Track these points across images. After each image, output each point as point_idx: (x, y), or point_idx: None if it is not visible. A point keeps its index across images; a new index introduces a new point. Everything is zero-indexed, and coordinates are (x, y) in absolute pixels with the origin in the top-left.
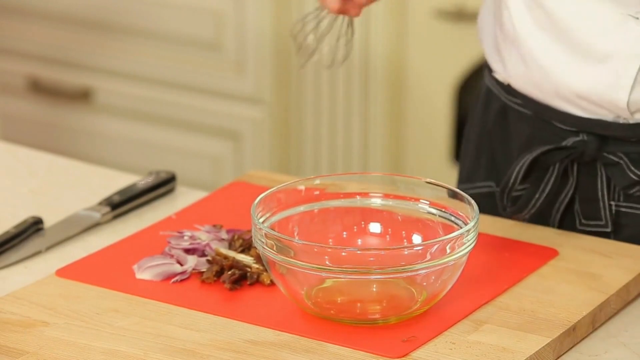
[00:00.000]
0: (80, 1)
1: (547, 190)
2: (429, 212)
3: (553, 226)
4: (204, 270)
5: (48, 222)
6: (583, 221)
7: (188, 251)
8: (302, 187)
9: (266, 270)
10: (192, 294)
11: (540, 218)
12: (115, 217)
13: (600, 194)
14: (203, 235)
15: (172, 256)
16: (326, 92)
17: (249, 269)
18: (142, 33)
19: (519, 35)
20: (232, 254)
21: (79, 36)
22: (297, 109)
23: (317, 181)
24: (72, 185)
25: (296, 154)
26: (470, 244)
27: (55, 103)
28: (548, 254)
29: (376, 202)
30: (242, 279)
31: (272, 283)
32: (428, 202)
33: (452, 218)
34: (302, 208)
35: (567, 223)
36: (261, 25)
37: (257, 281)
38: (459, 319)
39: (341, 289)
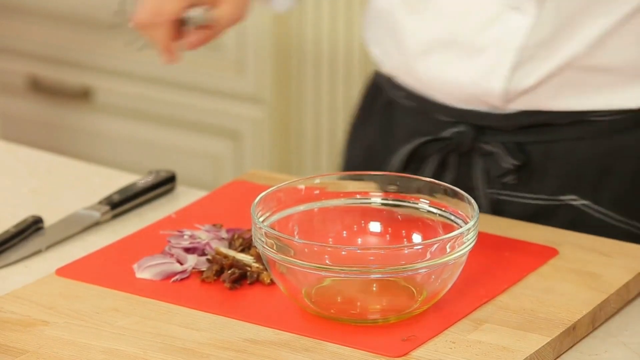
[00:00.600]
0: (80, 0)
1: (428, 174)
2: (429, 212)
3: None
4: (204, 269)
5: (48, 221)
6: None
7: (188, 250)
8: (302, 186)
9: (266, 270)
10: (192, 293)
11: None
12: (115, 216)
13: (478, 183)
14: (203, 235)
15: (172, 255)
16: (326, 91)
17: (249, 268)
18: None
19: (399, 30)
20: (232, 253)
21: (79, 36)
22: (297, 108)
23: (317, 180)
24: (72, 185)
25: (296, 153)
26: (470, 243)
27: (55, 102)
28: (548, 253)
29: (376, 201)
30: (242, 278)
31: (272, 282)
32: (428, 202)
33: (452, 217)
34: (302, 207)
35: None
36: (261, 24)
37: (257, 280)
38: (458, 318)
39: (341, 288)
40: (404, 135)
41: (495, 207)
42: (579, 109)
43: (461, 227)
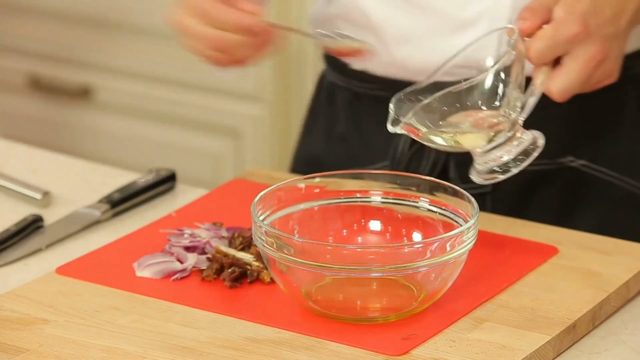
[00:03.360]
0: None
1: (432, 155)
2: (429, 210)
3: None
4: (204, 268)
5: (48, 220)
6: (461, 185)
7: (188, 249)
8: (302, 185)
9: (266, 268)
10: (192, 291)
11: None
12: (115, 214)
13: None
14: (203, 233)
15: (172, 254)
16: None
17: (249, 267)
18: (143, 30)
19: (376, 25)
20: (232, 251)
21: (79, 33)
22: (297, 106)
23: (317, 179)
24: (72, 183)
25: None
26: (470, 242)
27: (55, 100)
28: (548, 251)
29: (376, 200)
30: (242, 276)
31: (272, 281)
32: (428, 200)
33: (452, 216)
34: (302, 206)
35: None
36: None
37: (257, 279)
38: (459, 317)
39: (341, 286)
40: (379, 124)
41: None
42: None
43: (461, 225)
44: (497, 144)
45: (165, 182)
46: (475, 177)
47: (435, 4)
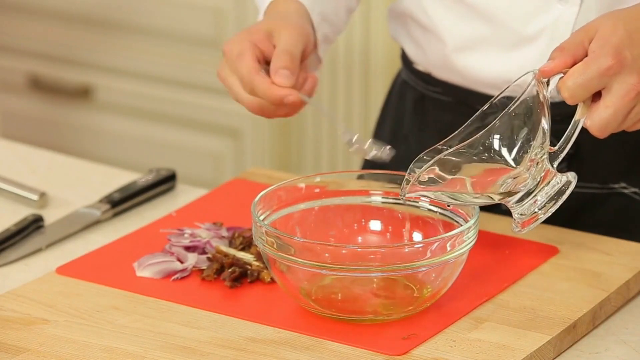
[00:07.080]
0: None
1: None
2: (430, 210)
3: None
4: (204, 267)
5: (48, 219)
6: None
7: (188, 249)
8: (302, 185)
9: (266, 268)
10: (193, 291)
11: None
12: (116, 214)
13: None
14: (203, 233)
15: (172, 254)
16: (327, 89)
17: (249, 267)
18: (143, 30)
19: (439, 29)
20: (232, 251)
21: (80, 33)
22: None
23: (318, 179)
24: (72, 183)
25: (297, 152)
26: (470, 242)
27: (55, 100)
28: (548, 251)
29: (376, 199)
30: (242, 276)
31: (272, 281)
32: (428, 200)
33: (452, 216)
34: (302, 206)
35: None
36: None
37: (258, 279)
38: (459, 317)
39: (341, 286)
40: (440, 130)
41: None
42: None
43: (462, 225)
44: (526, 192)
45: (165, 182)
46: (517, 229)
47: (499, 16)
